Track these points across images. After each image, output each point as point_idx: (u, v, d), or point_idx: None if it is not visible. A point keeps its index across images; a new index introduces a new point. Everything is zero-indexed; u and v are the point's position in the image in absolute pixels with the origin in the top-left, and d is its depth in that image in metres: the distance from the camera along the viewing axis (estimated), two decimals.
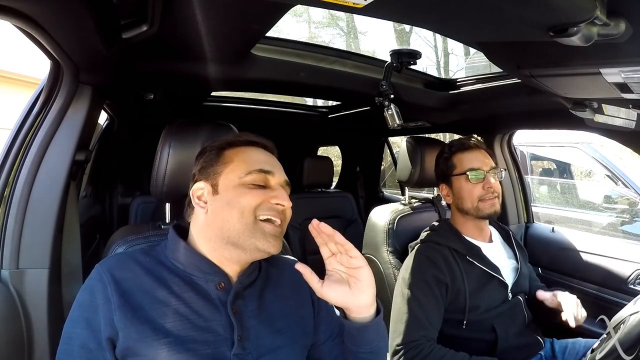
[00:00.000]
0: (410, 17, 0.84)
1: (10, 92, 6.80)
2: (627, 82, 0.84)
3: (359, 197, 3.02)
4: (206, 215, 0.72)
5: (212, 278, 0.71)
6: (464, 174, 1.20)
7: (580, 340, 1.20)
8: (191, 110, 1.99)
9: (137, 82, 1.30)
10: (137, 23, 0.84)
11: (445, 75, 11.66)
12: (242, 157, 0.73)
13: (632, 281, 1.38)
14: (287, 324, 0.75)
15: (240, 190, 0.70)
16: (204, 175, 0.74)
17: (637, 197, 3.33)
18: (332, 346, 0.80)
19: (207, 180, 0.73)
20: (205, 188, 0.72)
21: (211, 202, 0.71)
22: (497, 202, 1.19)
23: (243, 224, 0.68)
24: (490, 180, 1.17)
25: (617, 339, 0.80)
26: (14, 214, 0.88)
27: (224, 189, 0.71)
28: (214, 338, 0.66)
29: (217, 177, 0.72)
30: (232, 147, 0.75)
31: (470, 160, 1.20)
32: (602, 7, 0.62)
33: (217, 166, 0.73)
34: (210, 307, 0.68)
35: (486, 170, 1.18)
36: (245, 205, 0.68)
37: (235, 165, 0.72)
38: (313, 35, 13.88)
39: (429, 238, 1.22)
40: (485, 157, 1.22)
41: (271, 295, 0.76)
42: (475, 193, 1.18)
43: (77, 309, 0.66)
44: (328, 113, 2.38)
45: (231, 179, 0.71)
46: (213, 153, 0.75)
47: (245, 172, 0.71)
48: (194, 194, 0.73)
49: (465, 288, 1.11)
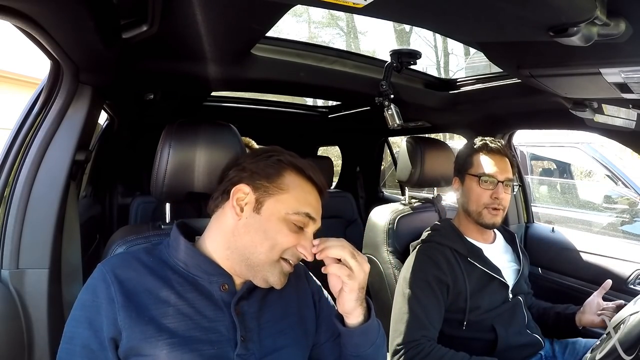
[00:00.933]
0: (410, 17, 0.84)
1: (10, 92, 6.80)
2: (627, 82, 0.84)
3: (359, 197, 3.02)
4: (237, 224, 0.70)
5: (216, 279, 0.70)
6: (477, 176, 1.18)
7: (581, 340, 1.20)
8: (191, 110, 1.99)
9: (137, 82, 1.30)
10: (137, 23, 0.84)
11: (445, 75, 11.66)
12: (299, 192, 0.71)
13: (632, 281, 1.38)
14: (290, 325, 0.75)
15: (281, 225, 0.69)
16: (253, 182, 0.71)
17: (637, 197, 3.33)
18: (333, 347, 0.80)
19: (254, 189, 0.70)
20: (249, 196, 0.70)
21: (248, 216, 0.70)
22: (499, 215, 1.16)
23: (268, 257, 0.69)
24: (500, 191, 1.15)
25: (617, 339, 0.80)
26: (14, 214, 0.88)
27: (267, 216, 0.69)
28: (217, 338, 0.66)
29: (266, 197, 0.70)
30: (295, 172, 0.73)
31: (488, 164, 1.18)
32: (602, 7, 0.62)
33: (271, 185, 0.70)
34: (213, 308, 0.68)
35: (500, 179, 1.16)
36: (278, 244, 0.69)
37: (288, 198, 0.70)
38: (313, 35, 13.89)
39: (431, 238, 1.22)
40: (505, 165, 1.18)
41: (274, 296, 0.76)
42: (483, 199, 1.16)
43: (79, 308, 0.66)
44: (328, 113, 2.38)
45: (278, 209, 0.69)
46: (274, 165, 0.72)
47: (294, 211, 0.70)
48: (236, 193, 0.71)
49: (466, 289, 1.11)
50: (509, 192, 1.18)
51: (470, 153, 1.23)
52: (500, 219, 1.18)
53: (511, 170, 1.20)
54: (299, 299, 0.79)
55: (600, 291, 1.15)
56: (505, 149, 1.21)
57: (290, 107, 2.31)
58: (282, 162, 0.73)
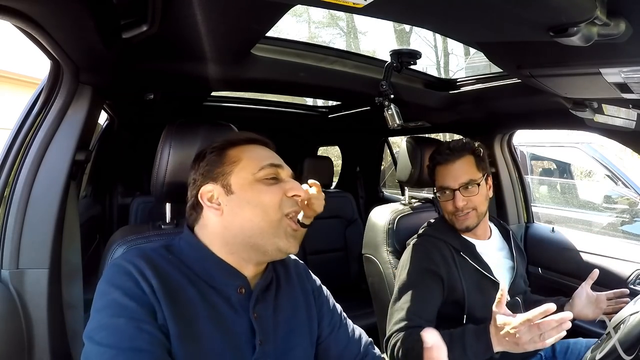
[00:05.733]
0: (410, 17, 0.84)
1: (10, 92, 6.80)
2: (627, 82, 0.84)
3: (359, 197, 3.02)
4: (221, 217, 0.69)
5: (232, 282, 0.69)
6: (437, 190, 1.22)
7: (581, 340, 1.20)
8: (191, 110, 1.99)
9: (137, 82, 1.30)
10: (137, 23, 0.84)
11: (445, 75, 11.66)
12: (249, 154, 0.72)
13: (632, 281, 1.38)
14: (299, 323, 0.75)
15: (257, 187, 0.69)
16: (210, 177, 0.71)
17: (637, 197, 3.33)
18: (337, 338, 0.81)
19: (215, 181, 0.70)
20: (215, 189, 0.70)
21: (226, 202, 0.69)
22: (469, 218, 1.16)
23: (267, 221, 0.68)
24: (458, 199, 1.15)
25: (617, 339, 0.80)
26: (14, 214, 0.88)
27: (239, 188, 0.69)
28: (237, 342, 0.66)
29: (228, 177, 0.70)
30: (235, 146, 0.74)
31: (442, 176, 1.19)
32: (602, 7, 0.62)
33: (224, 166, 0.71)
34: (232, 312, 0.67)
35: (455, 188, 1.15)
36: (269, 203, 0.68)
37: (245, 163, 0.70)
38: (313, 35, 13.89)
39: (425, 232, 1.24)
40: (457, 171, 1.16)
41: (284, 295, 0.76)
42: (448, 209, 1.19)
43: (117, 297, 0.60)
44: (328, 113, 2.38)
45: (244, 177, 0.69)
46: (215, 154, 0.73)
47: (258, 168, 0.70)
48: (203, 196, 0.70)
49: (462, 283, 1.11)
50: (469, 194, 1.16)
51: (432, 167, 1.25)
52: (473, 221, 1.17)
53: (470, 169, 1.17)
54: (305, 296, 0.80)
55: (587, 281, 1.16)
56: (456, 152, 1.18)
57: (290, 107, 2.31)
58: (217, 147, 0.73)
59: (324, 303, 0.83)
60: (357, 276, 2.29)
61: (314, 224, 1.23)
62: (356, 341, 0.83)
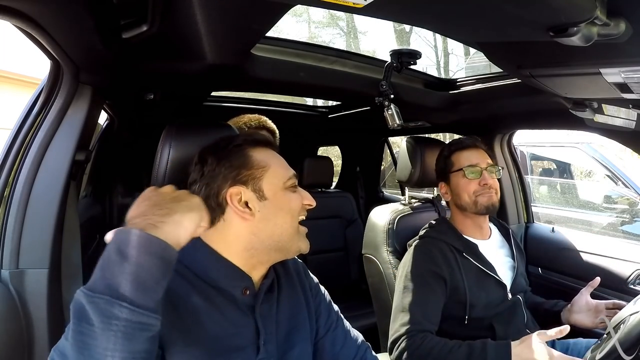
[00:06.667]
0: (410, 17, 0.84)
1: (10, 92, 6.80)
2: (627, 82, 0.84)
3: (359, 197, 3.02)
4: (249, 223, 0.67)
5: (238, 284, 0.68)
6: (461, 170, 1.21)
7: (581, 340, 1.20)
8: (191, 110, 1.99)
9: (137, 82, 1.30)
10: (137, 23, 0.84)
11: (445, 75, 11.66)
12: (275, 160, 0.72)
13: (632, 281, 1.38)
14: (299, 322, 0.76)
15: (287, 194, 0.70)
16: (238, 180, 0.68)
17: (637, 197, 3.33)
18: (334, 338, 0.81)
19: (244, 185, 0.68)
20: (245, 193, 0.67)
21: (259, 208, 0.67)
22: (494, 196, 1.19)
23: (293, 227, 0.70)
24: (486, 177, 1.18)
25: (617, 339, 0.80)
26: (14, 214, 0.88)
27: (273, 195, 0.69)
28: (243, 344, 0.66)
29: (259, 182, 0.68)
30: (254, 147, 0.72)
31: (467, 157, 1.22)
32: (602, 7, 0.62)
33: (253, 170, 0.69)
34: (238, 314, 0.67)
35: (483, 167, 1.20)
36: (294, 211, 0.70)
37: (275, 170, 0.70)
38: (313, 35, 13.89)
39: (426, 234, 1.23)
40: (483, 155, 1.23)
41: (284, 294, 0.76)
42: (472, 188, 1.19)
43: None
44: (328, 113, 2.38)
45: (275, 184, 0.69)
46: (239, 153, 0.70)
47: (287, 177, 0.71)
48: (232, 199, 0.67)
49: (464, 283, 1.12)
50: (494, 177, 1.21)
51: (447, 155, 1.26)
52: (497, 199, 1.20)
53: (491, 159, 1.23)
54: (304, 294, 0.80)
55: (587, 289, 1.16)
56: (478, 141, 1.26)
57: (290, 107, 2.31)
58: (241, 145, 0.71)
59: (321, 301, 0.83)
60: (357, 276, 2.28)
61: (314, 224, 1.23)
62: (352, 345, 0.83)
